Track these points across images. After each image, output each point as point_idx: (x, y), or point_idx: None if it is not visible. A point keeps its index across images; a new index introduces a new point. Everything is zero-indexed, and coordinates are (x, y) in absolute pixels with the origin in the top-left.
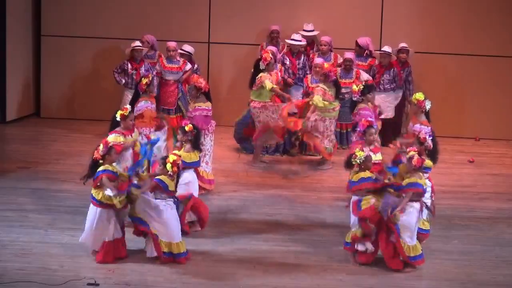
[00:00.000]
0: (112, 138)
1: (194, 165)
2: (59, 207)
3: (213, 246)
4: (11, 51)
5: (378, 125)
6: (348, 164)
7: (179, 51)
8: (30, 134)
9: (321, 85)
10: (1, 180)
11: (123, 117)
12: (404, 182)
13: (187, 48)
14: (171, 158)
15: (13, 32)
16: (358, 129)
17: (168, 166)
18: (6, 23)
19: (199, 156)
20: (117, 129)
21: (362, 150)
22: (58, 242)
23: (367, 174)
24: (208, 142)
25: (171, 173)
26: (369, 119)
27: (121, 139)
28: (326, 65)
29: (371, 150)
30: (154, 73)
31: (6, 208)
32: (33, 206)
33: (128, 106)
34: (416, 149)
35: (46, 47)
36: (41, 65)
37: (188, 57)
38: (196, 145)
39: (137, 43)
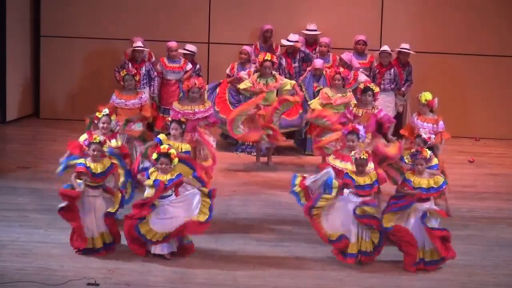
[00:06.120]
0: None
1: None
2: None
3: (213, 246)
4: (11, 52)
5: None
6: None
7: (182, 50)
8: (30, 134)
9: (325, 89)
10: (1, 180)
11: (96, 118)
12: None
13: (191, 47)
14: (172, 151)
15: (12, 33)
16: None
17: (175, 160)
18: (6, 24)
19: None
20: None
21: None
22: (58, 242)
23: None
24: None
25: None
26: (358, 126)
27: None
28: (341, 69)
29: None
30: (155, 73)
31: (6, 208)
32: (33, 206)
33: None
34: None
35: (45, 48)
36: (41, 65)
37: (191, 56)
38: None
39: (139, 43)
